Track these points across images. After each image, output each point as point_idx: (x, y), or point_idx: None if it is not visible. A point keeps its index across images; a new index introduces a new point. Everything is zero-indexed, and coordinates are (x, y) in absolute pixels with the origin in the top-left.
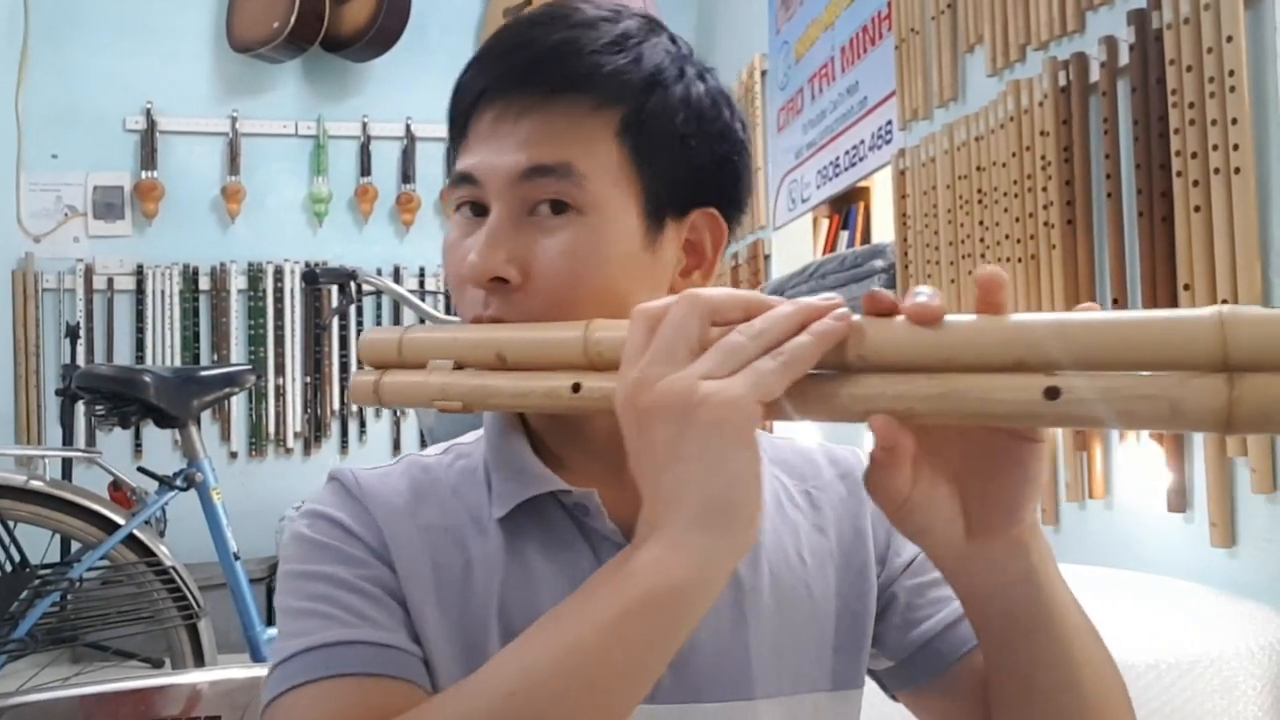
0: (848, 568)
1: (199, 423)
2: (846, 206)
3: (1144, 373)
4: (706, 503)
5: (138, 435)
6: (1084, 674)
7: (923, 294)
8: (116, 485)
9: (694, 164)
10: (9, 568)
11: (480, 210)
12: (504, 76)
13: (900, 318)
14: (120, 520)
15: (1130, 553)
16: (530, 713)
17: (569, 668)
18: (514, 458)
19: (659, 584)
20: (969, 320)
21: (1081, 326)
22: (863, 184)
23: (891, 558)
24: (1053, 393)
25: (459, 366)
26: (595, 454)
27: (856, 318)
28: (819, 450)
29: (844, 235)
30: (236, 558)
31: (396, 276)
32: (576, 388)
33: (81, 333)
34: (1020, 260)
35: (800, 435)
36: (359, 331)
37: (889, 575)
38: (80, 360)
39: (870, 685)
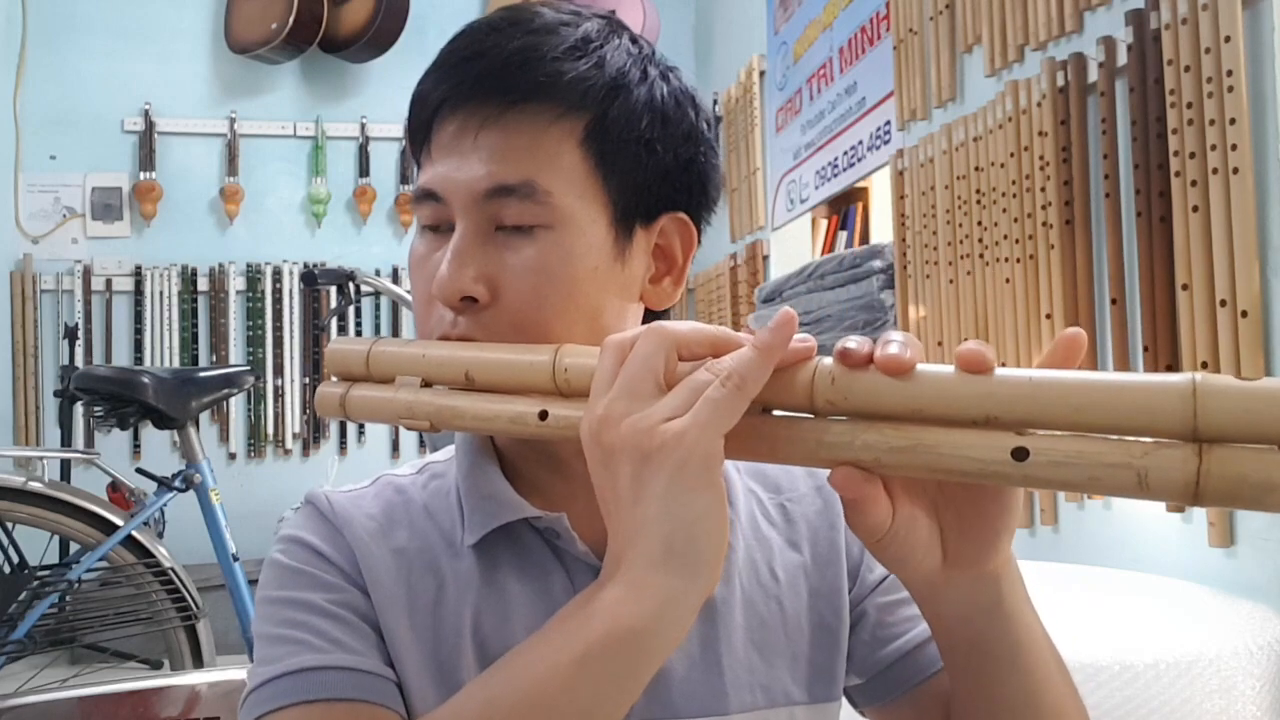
0: (821, 582)
1: (198, 424)
2: (845, 207)
3: (1114, 438)
4: (668, 544)
5: (136, 436)
6: (1045, 703)
7: (894, 343)
8: (115, 486)
9: (660, 168)
10: (8, 569)
11: (442, 228)
12: (462, 87)
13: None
14: (119, 521)
15: (1129, 553)
16: None
17: (530, 706)
18: (484, 482)
19: (619, 625)
20: (942, 372)
21: (1054, 387)
22: (861, 184)
23: (864, 574)
24: (1020, 454)
25: (427, 384)
26: (566, 476)
27: (826, 361)
28: None
29: (842, 236)
30: (235, 559)
31: (395, 277)
32: (544, 415)
33: (80, 334)
34: (1019, 260)
35: None
36: (358, 332)
37: (860, 591)
38: (79, 361)
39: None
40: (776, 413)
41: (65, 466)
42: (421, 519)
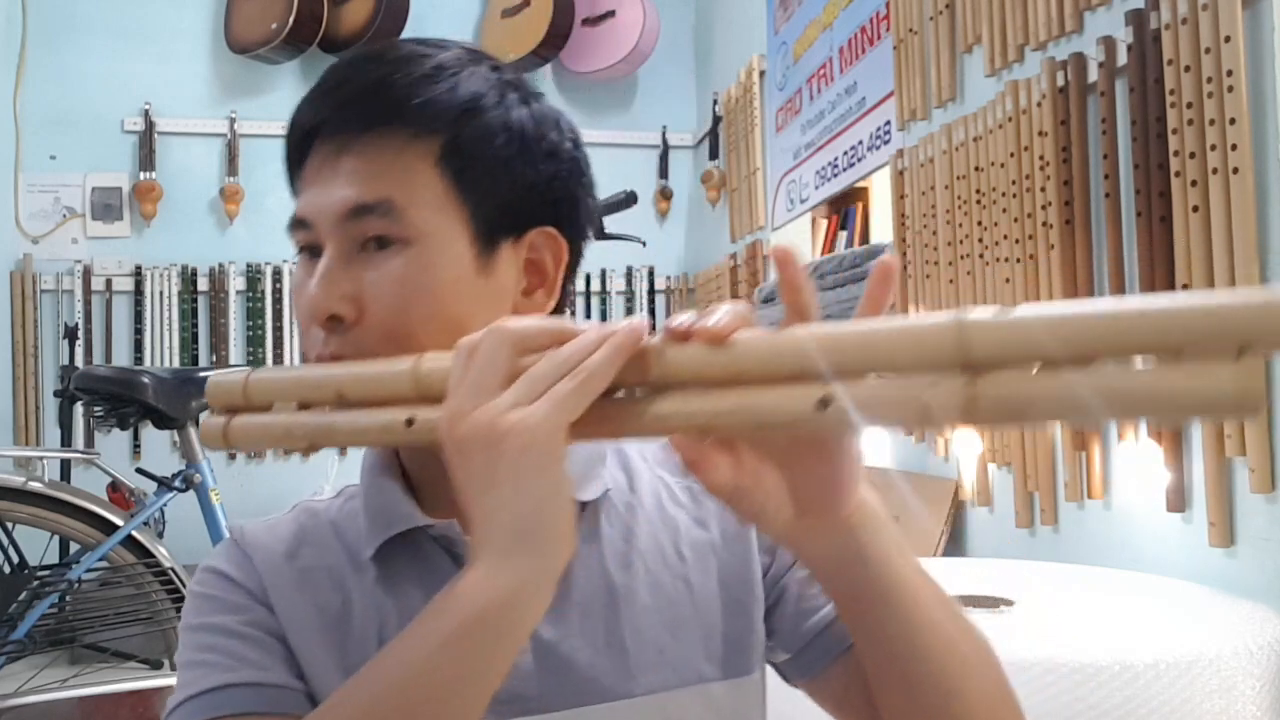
0: (731, 557)
1: (197, 424)
2: (845, 207)
3: (906, 378)
4: (516, 527)
5: (136, 436)
6: (933, 645)
7: (712, 316)
8: (115, 486)
9: (521, 185)
10: (8, 569)
11: (318, 251)
12: (324, 117)
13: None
14: (119, 521)
15: (1129, 552)
16: None
17: (404, 691)
18: (379, 495)
19: (478, 606)
20: (755, 336)
21: (846, 338)
22: (861, 184)
23: (781, 552)
24: (824, 403)
25: (305, 406)
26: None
27: (655, 339)
28: None
29: (842, 235)
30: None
31: None
32: (410, 421)
33: (80, 334)
34: (1019, 260)
35: None
36: None
37: (779, 568)
38: (79, 361)
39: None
40: (619, 394)
41: (65, 466)
42: (329, 537)
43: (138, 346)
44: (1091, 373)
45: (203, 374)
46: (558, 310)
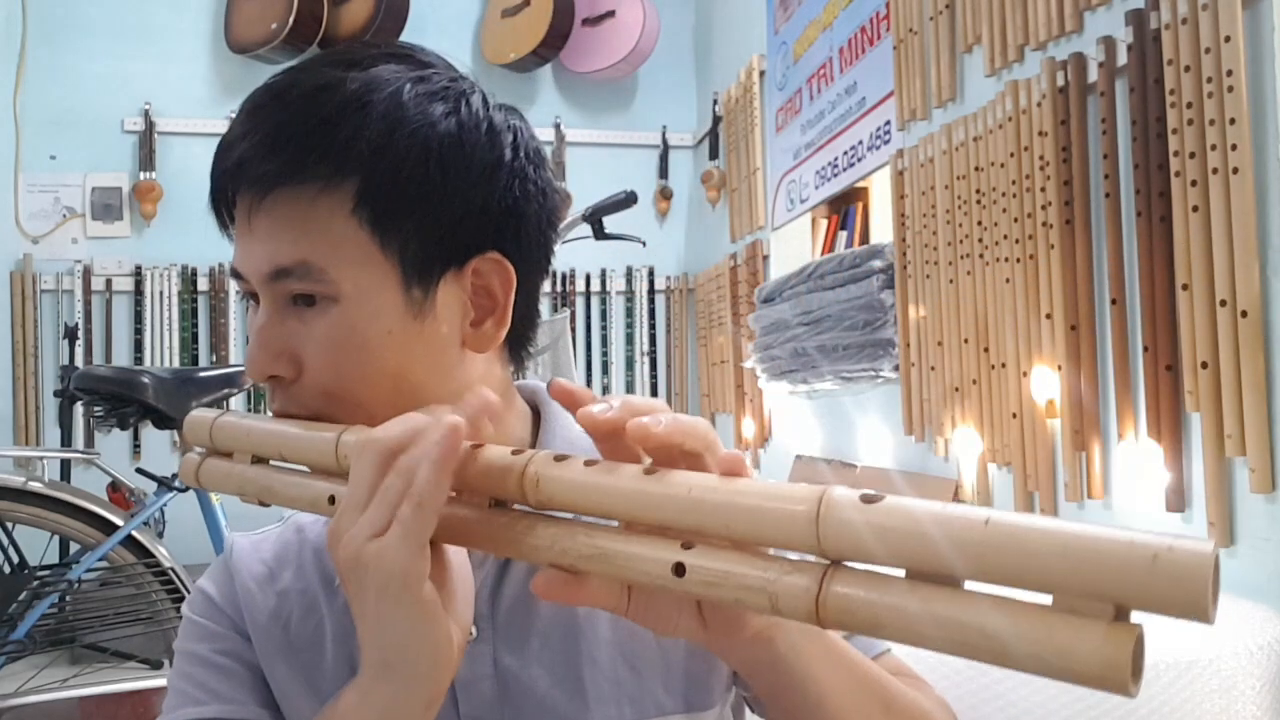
0: None
1: None
2: (845, 207)
3: (767, 554)
4: (383, 657)
5: (136, 436)
6: None
7: (602, 408)
8: (115, 486)
9: (452, 214)
10: (8, 569)
11: (259, 299)
12: (232, 171)
13: (578, 461)
14: (119, 521)
15: None
16: None
17: None
18: None
19: None
20: (627, 473)
21: (706, 503)
22: (861, 184)
23: None
24: (679, 569)
25: (259, 459)
26: None
27: (540, 455)
28: None
29: (842, 236)
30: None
31: None
32: (332, 500)
33: (80, 334)
34: (1019, 260)
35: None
36: None
37: None
38: (79, 361)
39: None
40: (516, 506)
41: (65, 466)
42: (310, 560)
43: (138, 346)
44: (953, 601)
45: (203, 374)
46: (518, 338)
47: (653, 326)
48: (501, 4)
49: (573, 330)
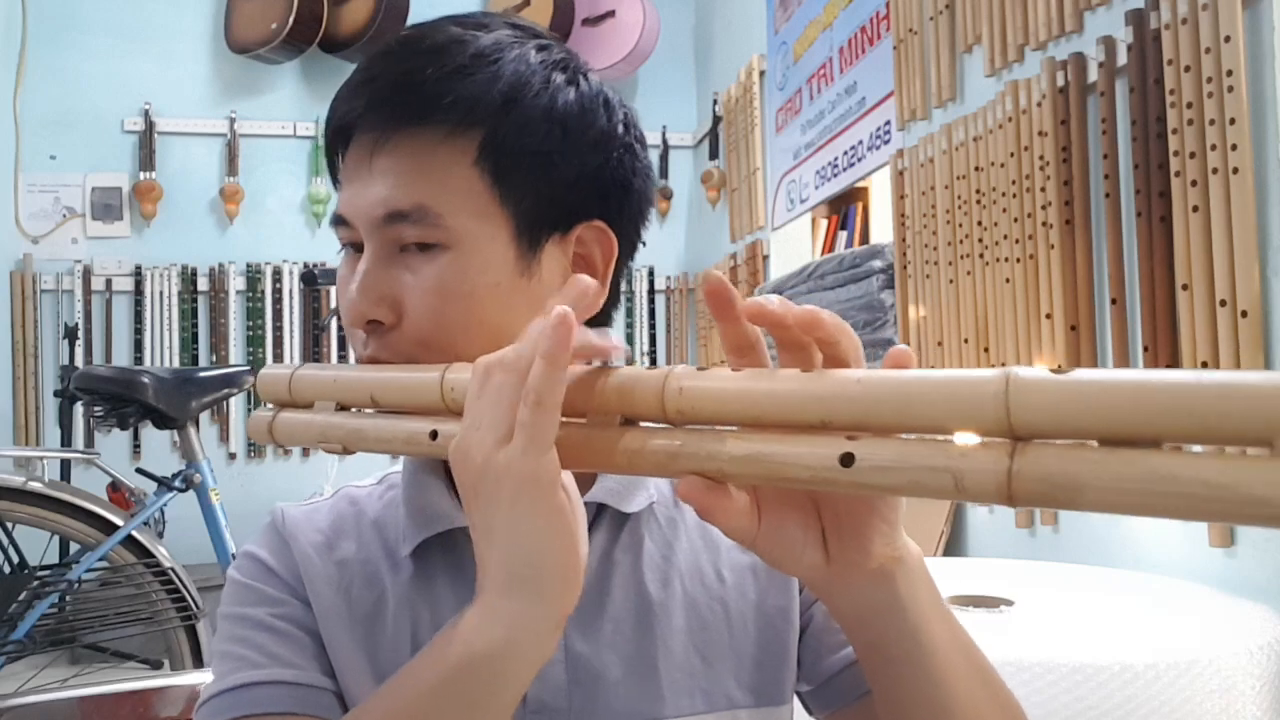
0: (770, 583)
1: (197, 424)
2: (845, 207)
3: (940, 438)
4: (510, 570)
5: (136, 436)
6: (957, 710)
7: (772, 300)
8: (115, 486)
9: (566, 178)
10: (8, 569)
11: (360, 247)
12: (358, 112)
13: (724, 369)
14: (119, 521)
15: (1129, 552)
16: None
17: None
18: (420, 493)
19: (472, 650)
20: (782, 375)
21: (879, 386)
22: (861, 184)
23: None
24: (847, 460)
25: (343, 407)
26: None
27: (679, 369)
28: None
29: (842, 235)
30: (235, 559)
31: None
32: (434, 435)
33: (80, 334)
34: (1019, 260)
35: None
36: None
37: (808, 595)
38: (79, 361)
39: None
40: (644, 424)
41: (65, 466)
42: (369, 531)
43: (138, 346)
44: (1163, 457)
45: (203, 374)
46: (605, 311)
47: (653, 326)
48: (501, 4)
49: None
